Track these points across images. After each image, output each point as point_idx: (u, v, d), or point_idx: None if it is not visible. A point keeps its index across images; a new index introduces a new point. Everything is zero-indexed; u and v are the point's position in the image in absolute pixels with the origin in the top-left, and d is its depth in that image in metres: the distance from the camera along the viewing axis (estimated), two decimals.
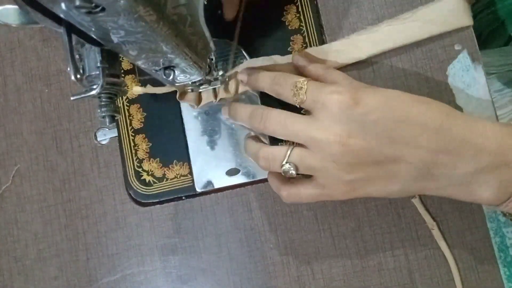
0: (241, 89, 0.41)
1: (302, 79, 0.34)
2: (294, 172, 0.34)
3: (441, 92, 0.40)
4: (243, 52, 0.42)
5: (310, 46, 0.43)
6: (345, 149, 0.31)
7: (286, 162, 0.34)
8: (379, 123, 0.31)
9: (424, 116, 0.31)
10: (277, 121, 0.34)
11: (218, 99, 0.41)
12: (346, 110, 0.31)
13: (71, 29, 0.24)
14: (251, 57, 0.42)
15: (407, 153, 0.31)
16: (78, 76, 0.25)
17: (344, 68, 0.42)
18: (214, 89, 0.41)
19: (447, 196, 0.33)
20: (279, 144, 0.42)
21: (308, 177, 0.35)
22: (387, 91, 0.32)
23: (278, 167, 0.34)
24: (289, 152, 0.34)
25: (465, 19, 0.40)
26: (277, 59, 0.41)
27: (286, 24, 0.43)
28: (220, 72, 0.40)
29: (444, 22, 0.40)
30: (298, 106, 0.34)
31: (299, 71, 0.40)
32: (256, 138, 0.40)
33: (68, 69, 0.25)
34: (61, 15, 0.23)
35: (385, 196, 0.34)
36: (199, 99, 0.42)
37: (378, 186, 0.33)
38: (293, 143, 0.35)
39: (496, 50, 0.61)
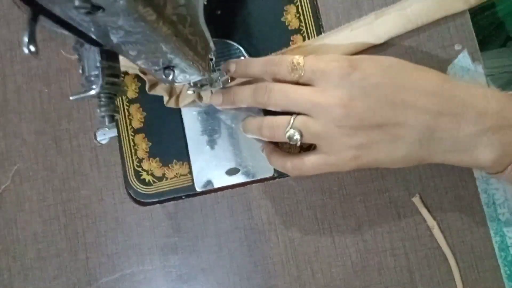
0: None
1: (297, 55, 0.35)
2: (299, 137, 0.34)
3: None
4: (243, 52, 0.42)
5: None
6: (347, 111, 0.32)
7: (291, 128, 0.34)
8: (379, 87, 0.32)
9: (424, 81, 0.32)
10: (280, 92, 0.35)
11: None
12: (345, 75, 0.32)
13: (39, 11, 0.23)
14: (250, 57, 0.42)
15: (409, 117, 0.31)
16: (33, 48, 0.24)
17: None
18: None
19: (452, 163, 0.33)
20: None
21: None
22: (385, 58, 0.33)
23: (282, 134, 0.35)
24: (292, 119, 0.34)
25: (459, 2, 0.39)
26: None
27: (286, 24, 0.43)
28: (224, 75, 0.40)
29: (440, 6, 0.39)
30: (296, 81, 0.34)
31: None
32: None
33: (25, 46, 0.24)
34: (61, 16, 0.23)
35: (391, 164, 0.34)
36: (170, 92, 0.42)
37: (382, 151, 0.33)
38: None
39: (493, 52, 0.61)
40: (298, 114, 0.34)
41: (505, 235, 0.39)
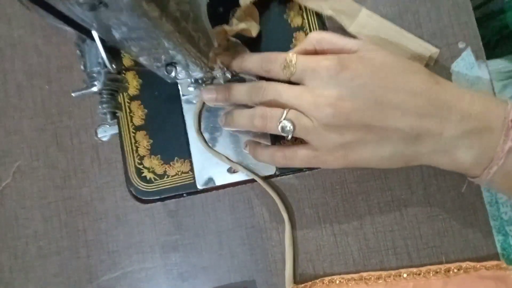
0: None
1: (291, 53, 0.36)
2: (292, 128, 0.35)
3: None
4: (246, 49, 0.42)
5: None
6: (335, 111, 0.32)
7: (284, 119, 0.35)
8: (367, 88, 0.32)
9: (412, 84, 0.32)
10: (273, 91, 0.36)
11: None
12: (335, 74, 0.33)
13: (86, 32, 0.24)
14: None
15: (395, 117, 0.32)
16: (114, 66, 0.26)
17: None
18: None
19: (433, 164, 0.34)
20: (280, 141, 0.42)
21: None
22: (378, 56, 0.33)
23: (275, 125, 0.35)
24: (286, 112, 0.35)
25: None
26: None
27: (289, 21, 0.43)
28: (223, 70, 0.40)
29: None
30: (288, 79, 0.35)
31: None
32: (256, 142, 0.41)
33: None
34: (64, 11, 0.23)
35: (377, 164, 0.35)
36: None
37: (369, 150, 0.34)
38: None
39: (507, 58, 0.60)
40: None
41: (508, 234, 0.39)
